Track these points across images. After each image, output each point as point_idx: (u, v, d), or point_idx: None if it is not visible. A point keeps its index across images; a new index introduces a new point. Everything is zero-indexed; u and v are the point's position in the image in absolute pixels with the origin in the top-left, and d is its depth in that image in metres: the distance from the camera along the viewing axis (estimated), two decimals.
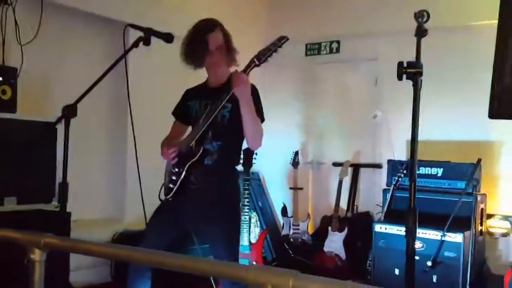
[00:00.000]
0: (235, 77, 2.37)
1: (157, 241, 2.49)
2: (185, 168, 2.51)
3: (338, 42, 5.35)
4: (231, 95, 2.41)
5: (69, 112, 2.08)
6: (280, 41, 2.43)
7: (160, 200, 2.66)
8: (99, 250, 1.57)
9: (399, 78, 1.65)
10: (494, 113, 1.40)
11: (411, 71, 1.65)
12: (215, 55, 2.58)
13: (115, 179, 4.26)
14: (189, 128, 2.75)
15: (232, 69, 2.63)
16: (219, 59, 2.60)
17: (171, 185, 2.57)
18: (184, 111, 2.75)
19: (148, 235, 2.58)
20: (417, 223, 1.66)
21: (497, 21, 1.51)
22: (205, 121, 2.48)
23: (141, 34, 2.29)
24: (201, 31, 2.59)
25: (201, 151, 2.50)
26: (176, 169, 2.56)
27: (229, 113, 2.54)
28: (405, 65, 1.67)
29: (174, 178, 2.56)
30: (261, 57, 2.40)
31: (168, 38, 2.33)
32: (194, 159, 2.50)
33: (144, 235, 2.61)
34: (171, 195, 2.55)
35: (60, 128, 2.41)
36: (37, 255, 1.56)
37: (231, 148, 2.63)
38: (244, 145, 2.71)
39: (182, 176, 2.51)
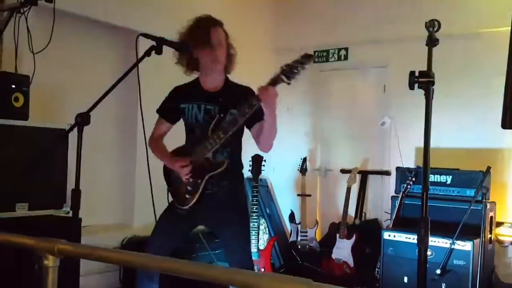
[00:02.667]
0: (263, 91, 2.34)
1: (164, 243, 2.55)
2: (204, 180, 2.51)
3: (346, 49, 5.36)
4: (235, 99, 2.42)
5: (83, 120, 2.11)
6: (308, 59, 2.37)
7: (171, 205, 2.65)
8: (112, 256, 1.58)
9: (411, 87, 1.66)
10: (508, 123, 1.40)
11: (423, 81, 1.66)
12: (216, 51, 2.53)
13: (124, 185, 4.29)
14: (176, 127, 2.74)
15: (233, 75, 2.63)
16: (220, 55, 2.56)
17: (187, 196, 2.55)
18: (174, 112, 2.69)
19: (156, 239, 2.60)
20: (429, 232, 1.67)
21: (509, 28, 1.52)
22: (224, 134, 2.44)
23: (153, 43, 2.31)
24: (203, 23, 2.55)
25: (225, 165, 2.50)
26: (192, 180, 2.53)
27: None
28: (416, 74, 1.67)
29: (190, 188, 2.54)
30: (290, 75, 2.34)
31: (179, 47, 2.35)
32: (215, 173, 2.50)
33: (152, 238, 2.63)
34: (190, 205, 2.54)
35: (71, 135, 2.44)
36: (50, 261, 1.57)
37: (237, 152, 2.67)
38: (252, 151, 2.71)
39: (202, 187, 2.51)
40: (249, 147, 2.85)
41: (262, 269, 4.20)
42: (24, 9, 3.16)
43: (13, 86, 2.95)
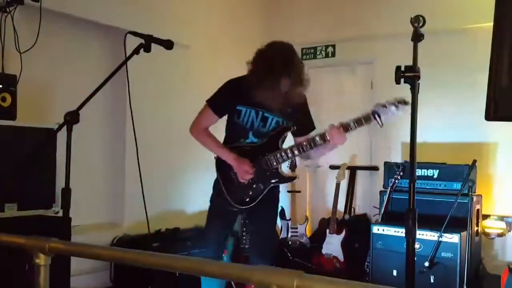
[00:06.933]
0: (334, 134, 2.48)
1: (219, 241, 2.80)
2: (268, 187, 2.62)
3: (333, 46, 5.39)
4: (291, 114, 2.58)
5: (72, 118, 2.11)
6: (402, 104, 2.38)
7: (221, 199, 2.72)
8: (104, 253, 1.59)
9: (397, 82, 1.69)
10: (491, 115, 1.43)
11: (409, 75, 1.68)
12: (278, 97, 2.51)
13: (114, 184, 4.28)
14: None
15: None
16: (278, 101, 2.53)
17: (247, 199, 2.65)
18: (228, 110, 2.67)
19: (212, 237, 2.80)
20: (416, 223, 1.70)
21: (491, 24, 1.55)
22: (300, 152, 2.56)
23: (141, 41, 2.31)
24: (279, 70, 2.45)
25: (296, 178, 2.73)
26: (254, 185, 2.63)
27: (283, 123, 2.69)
28: (402, 69, 1.70)
29: (251, 192, 2.64)
30: (383, 117, 2.40)
31: (168, 44, 2.35)
32: (281, 183, 2.67)
33: (208, 239, 2.81)
34: (249, 206, 2.65)
35: (60, 134, 2.43)
36: (42, 260, 1.57)
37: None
38: None
39: (265, 192, 2.62)
40: None
41: None
42: (10, 9, 3.14)
43: (0, 86, 2.93)
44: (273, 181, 2.62)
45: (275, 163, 2.59)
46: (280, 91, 2.47)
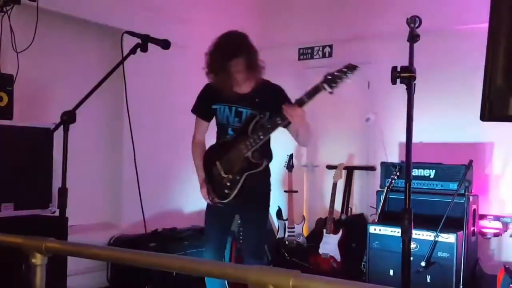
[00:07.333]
0: (289, 111, 2.47)
1: (219, 240, 2.89)
2: (243, 178, 2.65)
3: (330, 46, 5.40)
4: (270, 104, 2.58)
5: (68, 118, 2.11)
6: (351, 69, 2.44)
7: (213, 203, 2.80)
8: (101, 253, 1.59)
9: (393, 82, 1.70)
10: (486, 115, 1.44)
11: (404, 76, 1.69)
12: (237, 77, 2.66)
13: (111, 184, 4.28)
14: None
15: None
16: (242, 79, 2.67)
17: (226, 191, 2.69)
18: (208, 112, 2.82)
19: (212, 238, 2.89)
20: (412, 223, 1.70)
21: (487, 25, 1.56)
22: (265, 135, 2.59)
23: (138, 40, 2.32)
24: (222, 58, 2.61)
25: (264, 164, 2.67)
26: (232, 177, 2.67)
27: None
28: (398, 69, 1.71)
29: (229, 184, 2.68)
30: (333, 84, 2.44)
31: (165, 44, 2.36)
32: (254, 171, 2.66)
33: (208, 234, 2.91)
34: (228, 200, 2.70)
35: (57, 134, 2.43)
36: (38, 260, 1.57)
37: (269, 148, 2.85)
38: None
39: (241, 184, 2.66)
40: None
41: None
42: (7, 8, 3.14)
43: None
44: (245, 169, 2.66)
45: (245, 151, 2.63)
46: (232, 75, 2.61)
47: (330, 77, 2.42)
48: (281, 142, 5.40)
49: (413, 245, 3.66)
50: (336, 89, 2.45)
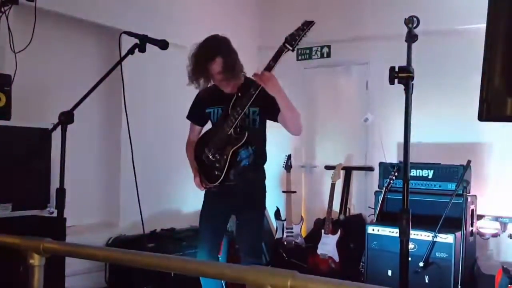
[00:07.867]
0: (257, 78, 2.53)
1: (212, 242, 2.93)
2: (230, 154, 2.69)
3: (329, 46, 5.40)
4: (255, 99, 2.59)
5: (66, 118, 2.10)
6: (308, 25, 2.56)
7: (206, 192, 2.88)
8: (98, 254, 1.59)
9: (391, 82, 1.70)
10: (484, 115, 1.44)
11: (402, 76, 1.69)
12: (218, 79, 2.73)
13: (109, 184, 4.27)
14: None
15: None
16: (223, 79, 2.73)
17: (217, 172, 2.75)
18: (202, 117, 2.96)
19: (205, 239, 2.94)
20: (410, 223, 1.70)
21: (484, 25, 1.56)
22: (242, 108, 2.62)
23: (136, 41, 2.31)
24: (201, 60, 2.68)
25: (246, 136, 2.68)
26: (219, 157, 2.72)
27: (258, 116, 2.79)
28: (396, 69, 1.71)
29: (218, 165, 2.73)
30: (293, 42, 2.54)
31: (163, 44, 2.35)
32: (238, 145, 2.69)
33: (202, 235, 2.96)
34: (220, 181, 2.73)
35: (55, 134, 2.42)
36: (36, 260, 1.57)
37: (263, 149, 2.91)
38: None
39: (229, 161, 2.69)
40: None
41: None
42: (5, 8, 3.13)
43: None
44: (229, 146, 2.71)
45: (227, 129, 2.70)
46: (211, 78, 2.70)
47: (289, 37, 2.56)
48: (279, 142, 5.43)
49: (411, 246, 3.66)
50: (297, 47, 2.58)
